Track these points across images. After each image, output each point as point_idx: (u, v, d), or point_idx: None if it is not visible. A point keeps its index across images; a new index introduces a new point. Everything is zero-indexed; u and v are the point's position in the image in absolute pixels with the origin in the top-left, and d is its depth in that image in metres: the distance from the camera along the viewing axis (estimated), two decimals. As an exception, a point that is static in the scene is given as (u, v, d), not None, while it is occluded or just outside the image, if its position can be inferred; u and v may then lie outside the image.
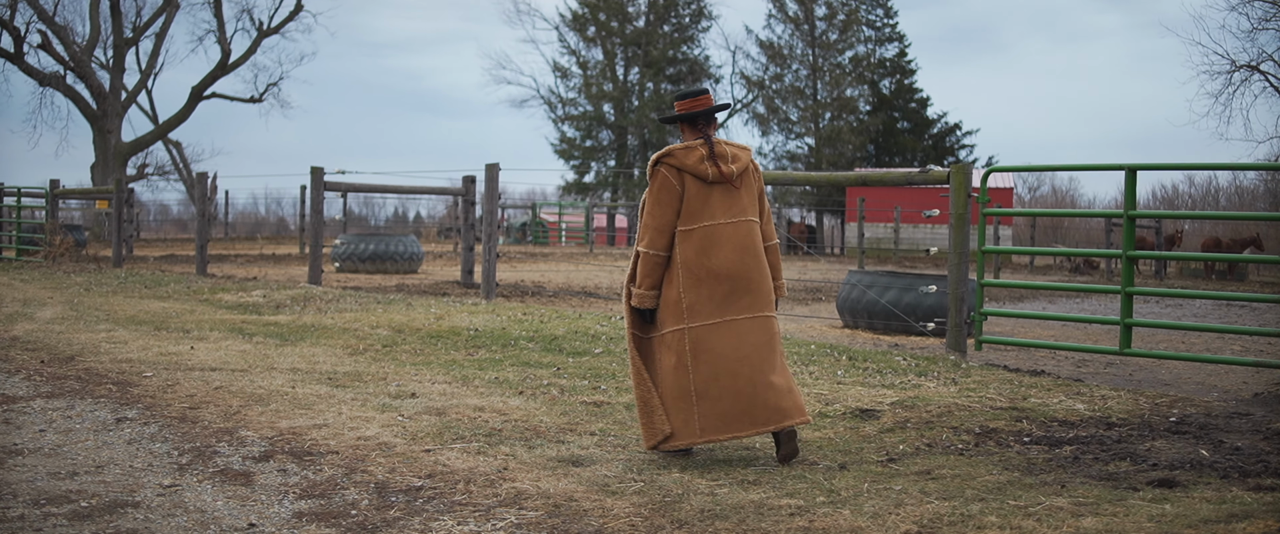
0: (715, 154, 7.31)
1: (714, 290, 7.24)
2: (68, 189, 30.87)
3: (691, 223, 7.30)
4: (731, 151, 7.39)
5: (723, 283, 7.25)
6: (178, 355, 11.49)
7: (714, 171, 7.28)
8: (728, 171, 7.30)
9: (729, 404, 7.16)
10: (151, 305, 16.70)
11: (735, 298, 7.27)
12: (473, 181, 21.35)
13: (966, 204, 12.27)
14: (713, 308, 7.24)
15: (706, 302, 7.24)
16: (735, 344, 7.22)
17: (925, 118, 72.13)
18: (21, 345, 12.27)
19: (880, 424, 8.49)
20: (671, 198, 7.30)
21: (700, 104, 7.48)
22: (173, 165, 69.06)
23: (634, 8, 74.38)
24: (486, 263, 18.01)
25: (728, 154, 7.36)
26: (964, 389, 9.88)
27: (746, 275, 7.29)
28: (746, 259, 7.30)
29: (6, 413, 8.61)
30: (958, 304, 12.33)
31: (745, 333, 7.25)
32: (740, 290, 7.27)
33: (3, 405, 8.89)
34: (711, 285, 7.24)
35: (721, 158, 7.32)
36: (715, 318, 7.23)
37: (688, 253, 7.28)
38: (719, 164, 7.29)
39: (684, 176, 7.30)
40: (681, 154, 7.31)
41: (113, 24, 55.05)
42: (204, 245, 23.01)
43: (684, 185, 7.30)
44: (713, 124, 7.54)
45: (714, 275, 7.24)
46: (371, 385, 9.93)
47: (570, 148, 74.41)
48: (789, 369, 7.61)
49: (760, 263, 7.38)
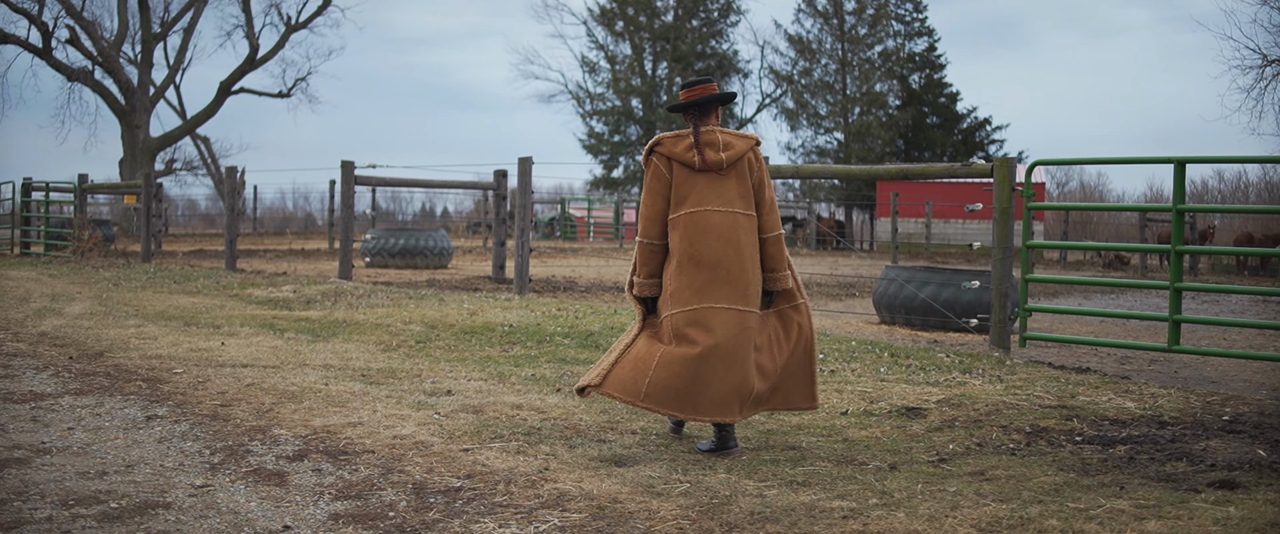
0: (702, 142, 7.35)
1: (696, 277, 7.26)
2: (96, 184, 30.77)
3: (680, 209, 7.35)
4: (724, 139, 7.39)
5: (704, 271, 7.25)
6: (208, 351, 11.33)
7: (700, 159, 7.32)
8: (714, 159, 7.32)
9: (682, 384, 7.13)
10: (181, 301, 16.55)
11: (713, 287, 7.24)
12: (504, 176, 21.15)
13: (1011, 198, 12.04)
14: (691, 294, 7.25)
15: (687, 288, 7.27)
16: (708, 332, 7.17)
17: (955, 113, 71.61)
18: (50, 341, 12.13)
19: (927, 423, 8.29)
20: (661, 186, 7.39)
21: (695, 93, 7.50)
22: (201, 160, 69.15)
23: (662, 2, 74.21)
24: (519, 258, 17.81)
25: (718, 142, 7.36)
26: (1010, 387, 9.66)
27: (726, 266, 7.26)
28: (728, 250, 7.28)
29: (35, 410, 8.43)
30: (1002, 300, 12.09)
31: (716, 324, 7.20)
32: (719, 280, 7.24)
33: (31, 402, 8.71)
34: (693, 272, 7.27)
35: (710, 145, 7.34)
36: (692, 305, 7.23)
37: (676, 240, 7.35)
38: (705, 152, 7.32)
39: (672, 164, 7.38)
40: (670, 142, 7.41)
41: (141, 19, 55.15)
42: (233, 240, 22.84)
43: (672, 173, 7.38)
44: (710, 113, 7.52)
45: (696, 262, 7.27)
46: (406, 382, 9.74)
47: (598, 143, 74.27)
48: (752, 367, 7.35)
49: (742, 254, 7.32)
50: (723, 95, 7.53)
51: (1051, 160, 12.32)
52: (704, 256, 7.24)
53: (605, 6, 74.10)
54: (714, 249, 7.25)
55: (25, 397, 8.94)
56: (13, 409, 8.45)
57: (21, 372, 10.11)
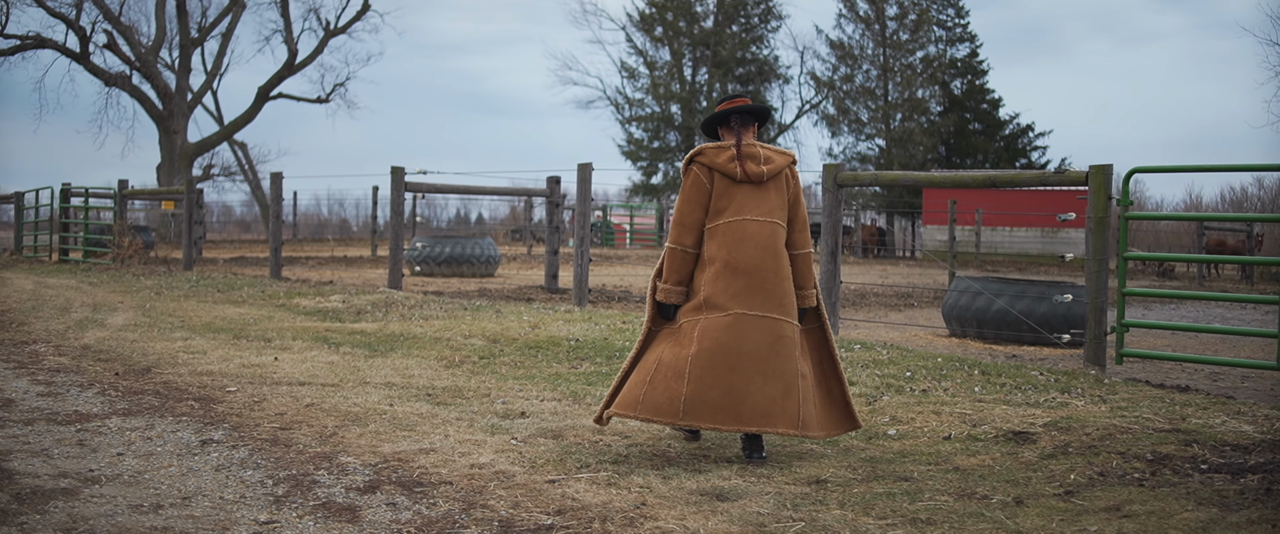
0: (744, 154, 7.43)
1: (732, 283, 7.26)
2: (136, 189, 30.32)
3: (718, 219, 7.40)
4: (764, 153, 7.49)
5: (741, 277, 7.26)
6: (261, 367, 10.72)
7: (741, 170, 7.39)
8: (755, 171, 7.40)
9: (719, 395, 7.07)
10: (227, 311, 15.97)
11: (750, 294, 7.25)
12: (557, 183, 20.54)
13: (1106, 207, 11.38)
14: (727, 300, 7.24)
15: (722, 294, 7.25)
16: (739, 339, 7.16)
17: (997, 119, 70.88)
18: (94, 355, 11.55)
19: (1039, 449, 7.64)
20: (701, 195, 7.45)
21: (735, 103, 7.63)
22: (238, 166, 68.91)
23: (702, 7, 73.74)
24: (579, 268, 17.15)
25: (759, 155, 7.46)
26: (1115, 408, 9.00)
27: (763, 274, 7.29)
28: (767, 259, 7.32)
29: (81, 433, 7.84)
30: (1098, 314, 11.43)
31: (752, 329, 7.19)
32: (755, 287, 7.26)
33: (77, 424, 8.12)
34: (730, 279, 7.27)
35: (751, 158, 7.43)
36: (729, 311, 7.21)
37: (713, 248, 7.37)
38: (747, 164, 7.40)
39: (713, 174, 7.45)
40: (712, 153, 7.47)
41: (179, 24, 54.85)
42: (278, 248, 22.27)
43: (713, 183, 7.44)
44: (749, 126, 7.63)
45: (734, 270, 7.28)
46: (475, 403, 9.13)
47: (638, 149, 73.72)
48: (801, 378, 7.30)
49: (780, 264, 7.38)
50: (758, 107, 7.63)
51: (1147, 168, 11.64)
52: (742, 264, 7.27)
53: (645, 12, 73.57)
54: (753, 257, 7.29)
55: (71, 417, 8.35)
56: (57, 432, 7.86)
57: (66, 389, 9.52)
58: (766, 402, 7.09)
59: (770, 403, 7.10)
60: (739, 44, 73.25)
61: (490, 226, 68.86)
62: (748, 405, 7.07)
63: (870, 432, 8.29)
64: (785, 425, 7.12)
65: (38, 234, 33.50)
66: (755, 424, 7.09)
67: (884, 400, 9.34)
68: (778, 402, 7.12)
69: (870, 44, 70.28)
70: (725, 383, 7.07)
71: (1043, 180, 11.91)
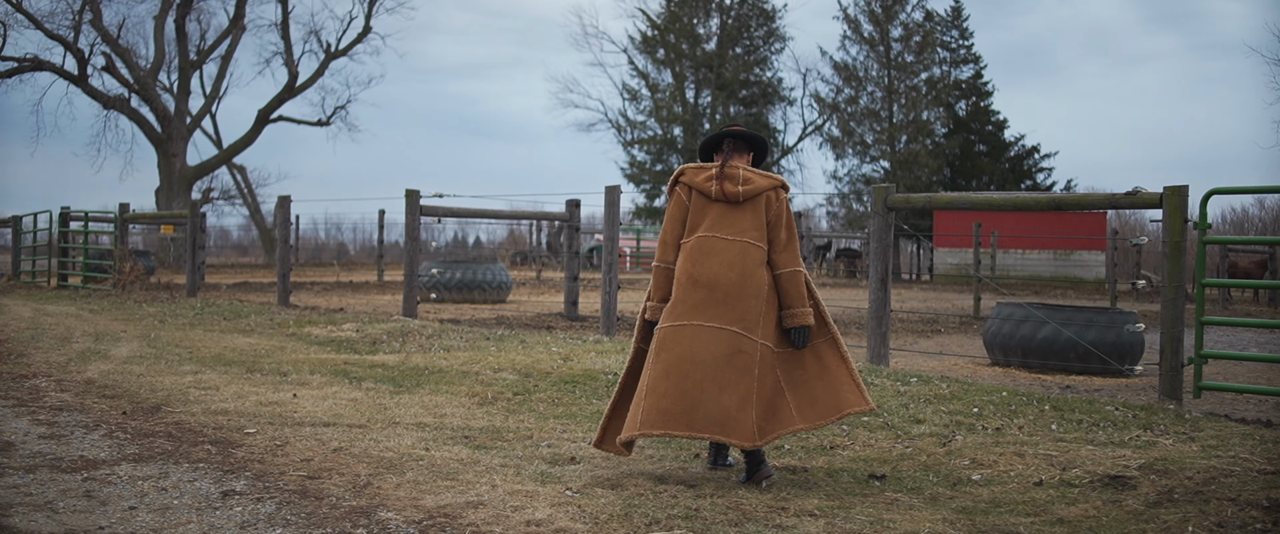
0: (723, 174, 7.54)
1: (691, 295, 7.37)
2: (138, 213, 29.56)
3: (690, 235, 7.56)
4: (745, 175, 7.56)
5: (701, 289, 7.36)
6: (280, 405, 9.91)
7: (717, 189, 7.51)
8: (732, 191, 7.49)
9: (671, 402, 7.13)
10: (237, 341, 15.17)
11: (709, 306, 7.33)
12: (577, 206, 19.73)
13: (1183, 231, 10.63)
14: (685, 311, 7.36)
15: (681, 304, 7.39)
16: (691, 347, 7.24)
17: (1002, 141, 70.27)
18: (98, 391, 10.73)
19: (1141, 496, 6.95)
20: (680, 212, 7.63)
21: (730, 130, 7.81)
22: (237, 190, 68.26)
23: (704, 30, 73.16)
24: (607, 296, 16.34)
25: (738, 176, 7.54)
26: (1206, 447, 8.29)
27: (725, 287, 7.35)
28: (730, 274, 7.37)
29: (88, 483, 7.04)
30: (1174, 344, 10.67)
31: (708, 340, 7.25)
32: (716, 300, 7.33)
33: (83, 472, 7.32)
34: (690, 290, 7.39)
35: (729, 178, 7.53)
36: (683, 320, 7.33)
37: (681, 261, 7.52)
38: (723, 183, 7.50)
39: (692, 193, 7.61)
40: (693, 172, 7.64)
41: (178, 46, 54.18)
42: (286, 274, 21.42)
43: (691, 201, 7.60)
44: (742, 151, 7.81)
45: (695, 282, 7.39)
46: (518, 446, 8.36)
47: (640, 171, 73.07)
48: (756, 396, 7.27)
49: (745, 281, 7.38)
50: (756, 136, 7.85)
51: (1226, 189, 10.88)
52: (703, 277, 7.37)
53: (647, 34, 72.99)
54: (714, 271, 7.37)
55: (76, 464, 7.55)
56: (62, 481, 7.07)
57: (70, 431, 8.72)
58: (720, 411, 7.10)
59: (724, 413, 7.10)
60: (742, 66, 72.64)
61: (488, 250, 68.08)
62: (701, 413, 7.09)
63: (953, 476, 7.63)
64: (739, 437, 7.09)
65: (36, 259, 32.67)
66: (709, 431, 7.10)
67: (958, 440, 8.63)
68: (732, 413, 7.11)
69: (874, 66, 69.64)
70: (678, 389, 7.13)
71: (1113, 203, 11.14)
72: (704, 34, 73.13)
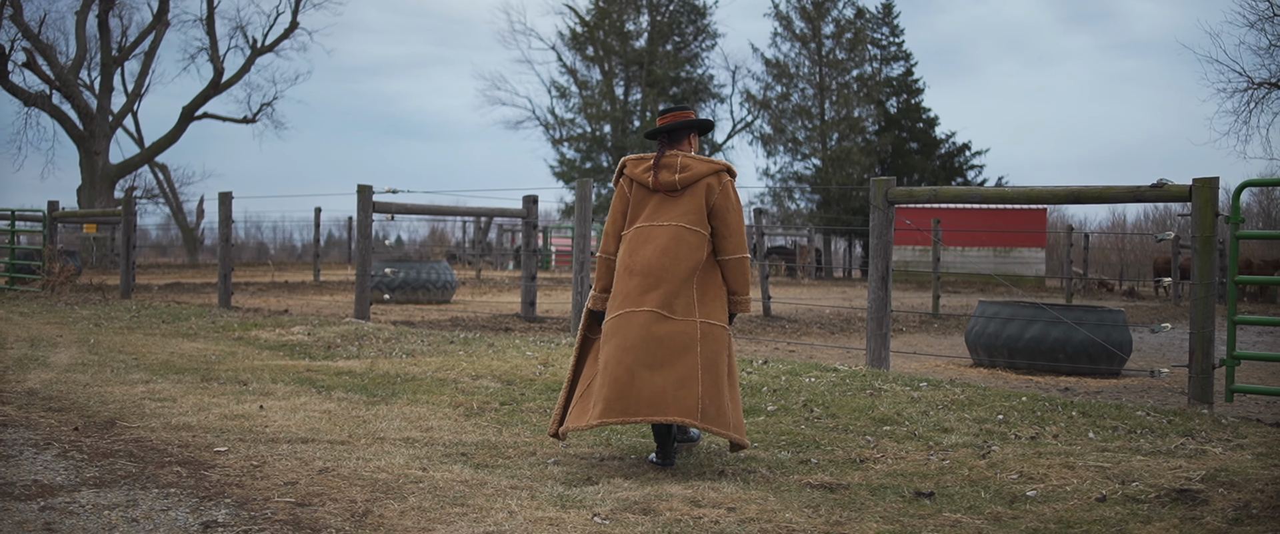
0: (660, 164, 7.60)
1: (628, 284, 7.46)
2: (68, 211, 28.45)
3: (630, 225, 7.65)
4: (683, 163, 7.58)
5: (636, 277, 7.43)
6: (247, 419, 8.98)
7: (654, 180, 7.57)
8: (667, 180, 7.54)
9: (609, 390, 7.20)
10: (182, 346, 14.21)
11: (643, 293, 7.38)
12: (534, 202, 18.90)
13: (1214, 226, 9.97)
14: (622, 300, 7.45)
15: (618, 296, 7.49)
16: (625, 334, 7.31)
17: (934, 138, 70.26)
18: (43, 403, 9.70)
19: (1218, 512, 6.34)
20: (621, 204, 7.74)
21: (667, 120, 7.85)
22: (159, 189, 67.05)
23: (635, 26, 72.68)
24: (577, 295, 15.48)
25: (676, 165, 7.57)
26: (1259, 456, 7.69)
27: (658, 274, 7.39)
28: (663, 260, 7.41)
29: (46, 513, 6.06)
30: (1205, 345, 10.01)
31: (639, 323, 7.31)
32: (649, 286, 7.38)
33: (40, 500, 6.34)
34: (627, 279, 7.48)
35: (666, 167, 7.57)
36: (620, 310, 7.42)
37: (621, 252, 7.64)
38: (660, 173, 7.55)
39: (632, 184, 7.69)
40: (633, 163, 7.72)
41: (100, 42, 52.86)
42: (227, 274, 20.37)
43: (631, 192, 7.69)
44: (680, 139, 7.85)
45: (631, 271, 7.48)
46: (523, 464, 7.53)
47: (570, 169, 72.40)
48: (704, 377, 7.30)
49: (677, 266, 7.41)
50: (696, 122, 7.85)
51: (1260, 181, 10.24)
52: (637, 265, 7.44)
53: (576, 31, 72.40)
54: (648, 258, 7.42)
55: (31, 491, 6.53)
56: (16, 511, 6.09)
57: (19, 451, 7.70)
58: (655, 392, 7.13)
59: (660, 393, 7.13)
60: (672, 63, 72.24)
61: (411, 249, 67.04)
62: (634, 396, 7.15)
63: (1005, 492, 6.94)
64: (678, 414, 7.11)
65: (-44, 260, 31.48)
66: (643, 414, 7.13)
67: (996, 452, 7.96)
68: (670, 392, 7.14)
69: (806, 63, 69.40)
70: (612, 376, 7.21)
71: (1137, 196, 10.45)
72: (634, 30, 72.72)
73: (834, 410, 9.51)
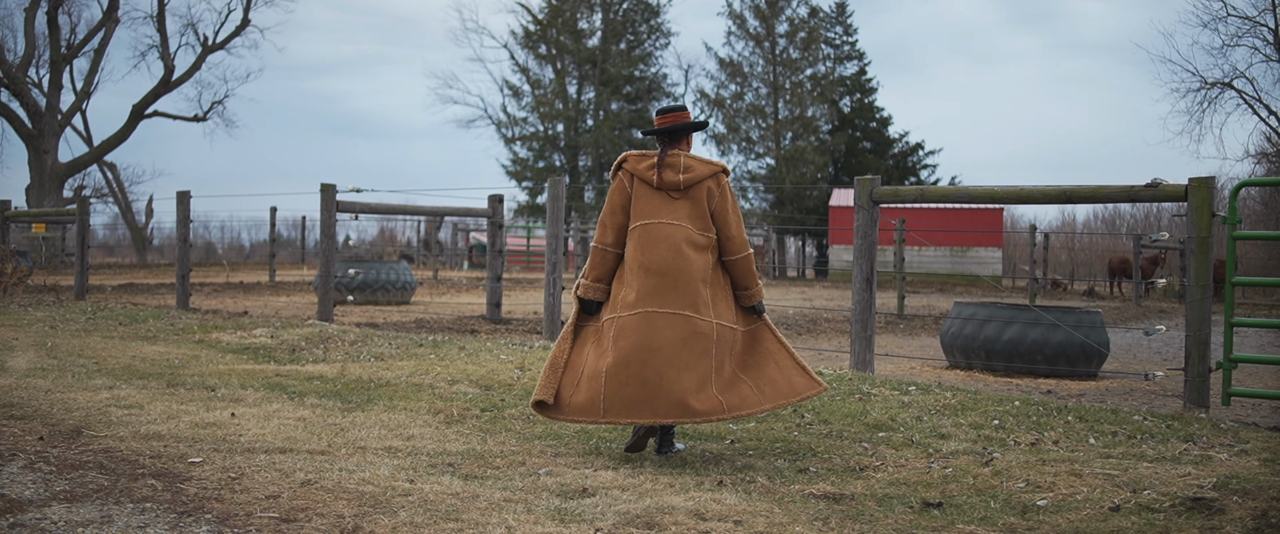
0: (664, 163, 7.81)
1: (643, 283, 7.62)
2: (20, 211, 27.91)
3: (636, 222, 7.80)
4: (686, 163, 7.81)
5: (652, 277, 7.60)
6: (219, 427, 8.62)
7: (658, 179, 7.77)
8: (671, 180, 7.76)
9: (634, 391, 7.40)
10: (143, 349, 13.81)
11: (661, 293, 7.57)
12: (500, 201, 18.59)
13: (1211, 226, 9.77)
14: (637, 299, 7.60)
15: (634, 292, 7.63)
16: (649, 335, 7.48)
17: (887, 137, 70.45)
18: (3, 410, 9.28)
19: (1237, 522, 6.13)
20: (621, 199, 7.89)
21: (667, 120, 8.00)
22: (108, 188, 66.37)
23: (588, 25, 72.49)
24: (550, 297, 15.16)
25: (679, 165, 7.79)
26: (1266, 462, 7.49)
27: (673, 273, 7.60)
28: (676, 260, 7.63)
29: (16, 530, 5.71)
30: (1202, 348, 9.81)
31: (663, 325, 7.50)
32: (666, 286, 7.58)
33: (9, 516, 5.95)
34: (642, 278, 7.63)
35: (670, 167, 7.78)
36: (638, 308, 7.57)
37: (630, 249, 7.79)
38: (664, 173, 7.76)
39: (634, 180, 7.87)
40: (635, 160, 7.92)
41: (50, 39, 52.21)
42: (185, 275, 19.97)
43: (633, 188, 7.87)
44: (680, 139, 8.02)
45: (646, 270, 7.64)
46: (514, 476, 7.22)
47: (523, 168, 72.07)
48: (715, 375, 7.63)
49: (689, 265, 7.64)
50: (695, 123, 8.03)
51: (1257, 181, 10.05)
52: (653, 264, 7.62)
53: (529, 30, 72.10)
54: (662, 257, 7.62)
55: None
56: (-15, 529, 5.80)
57: (-18, 462, 7.40)
58: (681, 393, 7.39)
59: (685, 395, 7.39)
60: (625, 62, 72.00)
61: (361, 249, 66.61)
62: (662, 398, 7.38)
63: (1014, 502, 6.71)
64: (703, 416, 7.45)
65: (-98, 261, 30.87)
66: (672, 416, 7.40)
67: (999, 459, 7.74)
68: (692, 394, 7.42)
69: (760, 62, 69.33)
70: (639, 378, 7.40)
71: (1131, 196, 10.24)
72: (587, 29, 72.57)
73: (825, 416, 9.29)
